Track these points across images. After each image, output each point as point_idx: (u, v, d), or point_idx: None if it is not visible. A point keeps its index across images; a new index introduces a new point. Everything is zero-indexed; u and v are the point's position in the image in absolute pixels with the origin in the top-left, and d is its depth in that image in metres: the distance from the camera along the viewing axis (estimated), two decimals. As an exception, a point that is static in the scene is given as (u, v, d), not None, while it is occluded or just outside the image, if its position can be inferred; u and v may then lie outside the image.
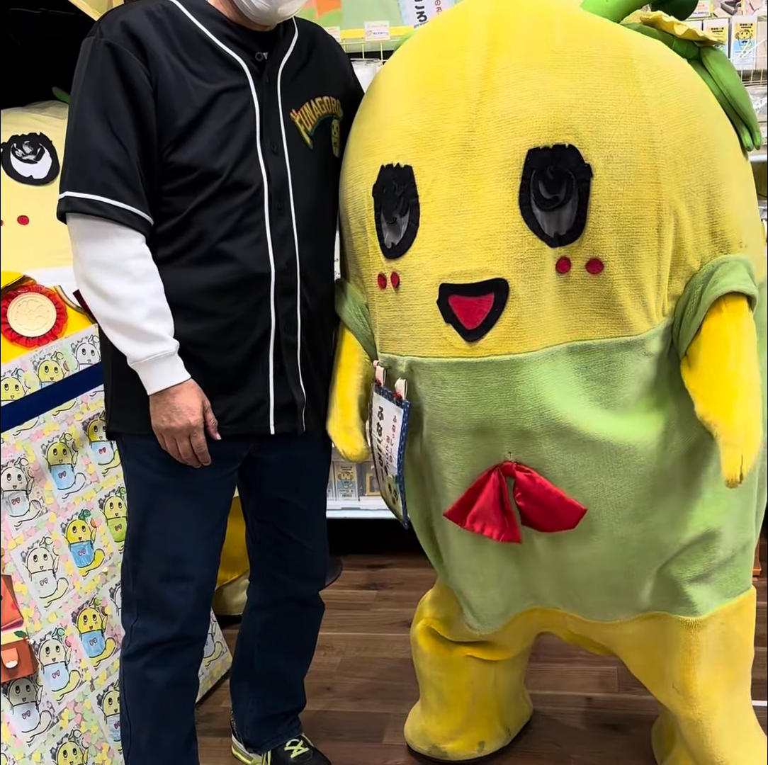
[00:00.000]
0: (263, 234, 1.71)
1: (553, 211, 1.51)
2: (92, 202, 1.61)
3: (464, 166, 1.54)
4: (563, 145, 1.50)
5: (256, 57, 1.71)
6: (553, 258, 1.52)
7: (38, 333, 2.22)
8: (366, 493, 3.24)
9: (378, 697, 2.53)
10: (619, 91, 1.51)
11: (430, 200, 1.57)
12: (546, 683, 2.51)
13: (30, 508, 2.09)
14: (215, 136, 1.66)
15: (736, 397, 1.52)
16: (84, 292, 1.69)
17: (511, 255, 1.51)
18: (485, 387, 1.56)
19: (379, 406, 1.77)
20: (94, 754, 2.12)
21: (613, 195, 1.50)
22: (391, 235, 1.64)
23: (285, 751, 2.18)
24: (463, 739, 2.19)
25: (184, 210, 1.67)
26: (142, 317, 1.64)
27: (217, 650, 2.58)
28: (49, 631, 2.07)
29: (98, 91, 1.61)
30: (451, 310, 1.55)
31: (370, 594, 3.10)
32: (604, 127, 1.50)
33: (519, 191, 1.51)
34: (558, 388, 1.56)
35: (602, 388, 1.59)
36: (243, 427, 1.78)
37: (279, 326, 1.76)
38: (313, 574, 2.09)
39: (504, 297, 1.52)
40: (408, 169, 1.60)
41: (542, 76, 1.52)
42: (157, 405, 1.70)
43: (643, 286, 1.55)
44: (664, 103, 1.53)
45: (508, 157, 1.51)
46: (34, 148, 2.55)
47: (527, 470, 1.62)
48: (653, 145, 1.51)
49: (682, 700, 1.87)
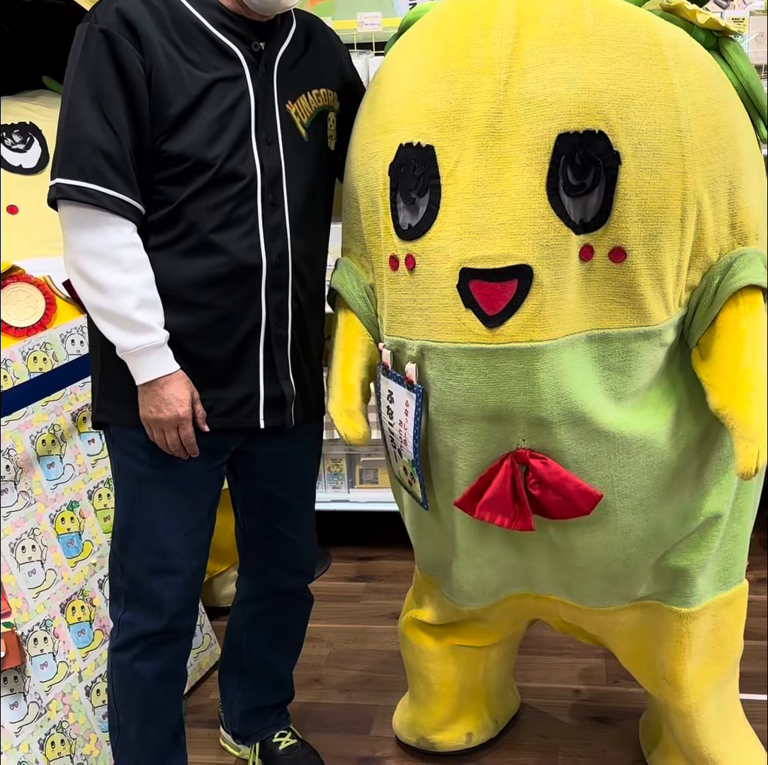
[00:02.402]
0: (255, 226, 1.70)
1: (580, 197, 1.50)
2: (83, 189, 1.60)
3: (490, 148, 1.51)
4: (593, 130, 1.48)
5: (253, 47, 1.70)
6: (577, 245, 1.51)
7: (27, 323, 2.21)
8: (355, 486, 3.23)
9: (366, 689, 2.53)
10: (649, 78, 1.50)
11: (453, 182, 1.54)
12: (534, 676, 2.52)
13: (18, 499, 2.08)
14: (209, 126, 1.65)
15: (752, 392, 1.52)
16: (74, 280, 1.68)
17: (536, 241, 1.50)
18: (503, 374, 1.55)
19: (388, 390, 1.75)
20: (82, 745, 2.12)
21: (640, 184, 1.49)
22: (408, 216, 1.61)
23: (273, 743, 2.18)
24: (451, 731, 2.19)
25: (176, 199, 1.66)
26: (132, 307, 1.63)
27: (206, 642, 2.58)
28: (37, 622, 2.07)
29: (92, 77, 1.60)
30: (471, 295, 1.53)
31: (359, 586, 3.10)
32: (634, 114, 1.49)
33: (547, 176, 1.49)
34: (577, 376, 1.56)
35: (617, 378, 1.59)
36: (231, 421, 1.78)
37: (270, 320, 1.75)
38: (302, 567, 2.09)
39: (528, 284, 1.50)
40: (430, 148, 1.57)
41: (572, 59, 1.50)
42: (146, 395, 1.69)
43: (664, 276, 1.54)
44: (692, 92, 1.52)
45: (538, 141, 1.49)
46: (24, 138, 2.54)
47: (542, 457, 1.61)
48: (681, 133, 1.50)
49: (671, 691, 1.88)
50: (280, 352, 1.79)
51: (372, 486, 3.20)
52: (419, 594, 2.14)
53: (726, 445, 1.71)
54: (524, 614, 2.08)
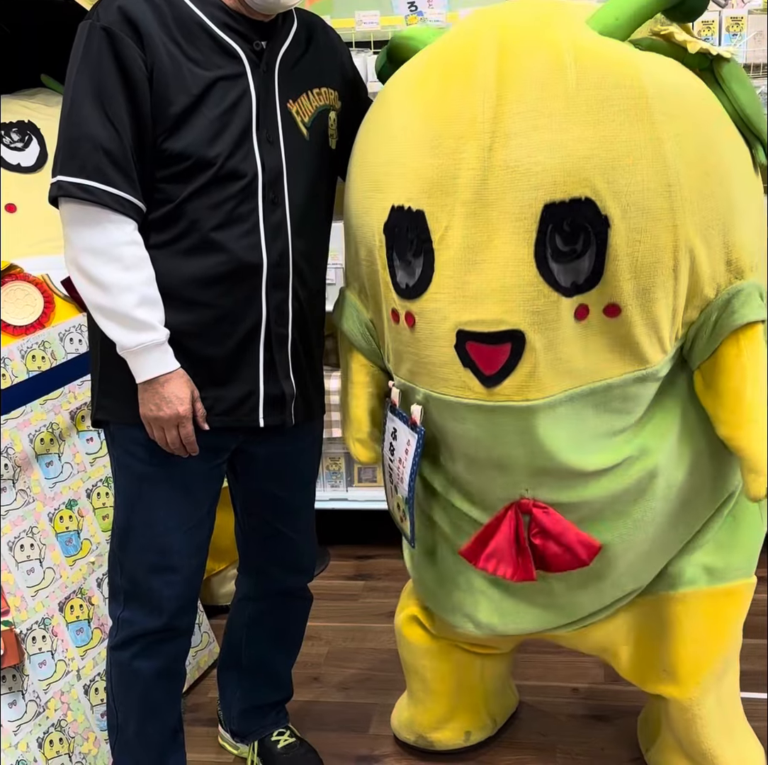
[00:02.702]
0: (256, 225, 1.70)
1: (570, 262, 1.50)
2: (84, 187, 1.60)
3: (478, 215, 1.51)
4: (580, 198, 1.47)
5: (255, 46, 1.70)
6: (570, 306, 1.52)
7: (26, 322, 2.21)
8: (354, 484, 3.23)
9: (365, 687, 2.53)
10: (635, 137, 1.47)
11: (445, 247, 1.55)
12: (532, 674, 2.52)
13: (17, 498, 2.08)
14: (210, 125, 1.65)
15: (757, 425, 1.58)
16: (74, 278, 1.67)
17: (526, 308, 1.50)
18: (503, 429, 1.59)
19: (393, 427, 1.79)
20: (81, 744, 2.12)
21: (631, 243, 1.48)
22: (405, 276, 1.62)
23: (272, 741, 2.18)
24: (449, 729, 2.19)
25: (177, 197, 1.66)
26: (133, 305, 1.63)
27: (204, 640, 2.58)
28: (35, 620, 2.07)
29: (93, 75, 1.60)
30: (468, 355, 1.56)
31: (357, 585, 3.10)
32: (621, 176, 1.46)
33: (535, 245, 1.49)
34: (575, 426, 1.60)
35: (616, 418, 1.62)
36: (231, 419, 1.77)
37: (270, 319, 1.75)
38: (302, 566, 2.09)
39: (521, 347, 1.52)
40: (420, 213, 1.57)
41: (555, 125, 1.47)
42: (146, 393, 1.69)
43: (659, 322, 1.56)
44: (680, 143, 1.49)
45: (524, 211, 1.48)
46: (22, 136, 2.54)
47: (544, 507, 1.66)
48: (670, 188, 1.48)
49: (671, 682, 1.89)
50: (281, 351, 1.79)
51: (371, 484, 3.20)
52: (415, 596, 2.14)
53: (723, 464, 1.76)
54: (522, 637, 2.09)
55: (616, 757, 2.19)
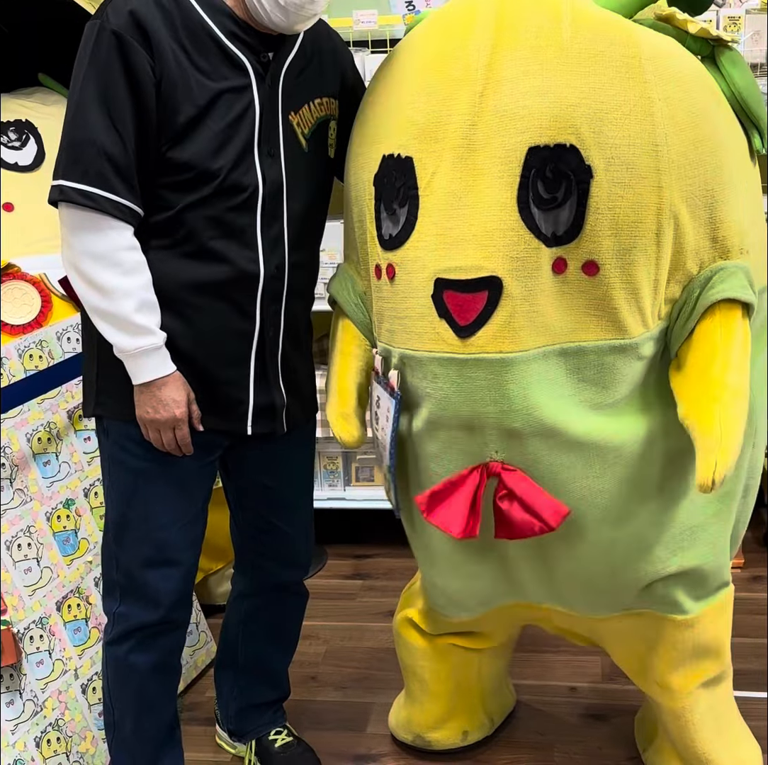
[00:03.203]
0: (254, 238, 1.71)
1: (551, 211, 1.50)
2: (86, 193, 1.60)
3: (465, 160, 1.52)
4: (564, 144, 1.48)
5: (261, 57, 1.69)
6: (549, 258, 1.51)
7: (23, 321, 2.20)
8: (351, 483, 3.23)
9: (362, 686, 2.53)
10: (625, 92, 1.49)
11: (430, 193, 1.56)
12: (530, 673, 2.52)
13: (14, 497, 2.08)
14: (215, 137, 1.65)
15: (717, 403, 1.51)
16: (73, 281, 1.68)
17: (506, 253, 1.50)
18: (474, 384, 1.56)
19: (377, 395, 1.77)
20: (78, 743, 2.12)
21: (613, 198, 1.49)
22: (390, 226, 1.63)
23: (269, 740, 2.18)
24: (446, 729, 2.19)
25: (176, 205, 1.66)
26: (132, 309, 1.63)
27: (202, 639, 2.58)
28: (33, 619, 2.07)
29: (101, 79, 1.59)
30: (445, 305, 1.55)
31: (355, 584, 3.10)
32: (607, 128, 1.48)
33: (518, 189, 1.49)
34: (548, 388, 1.56)
35: (593, 390, 1.59)
36: (220, 421, 1.78)
37: (263, 329, 1.77)
38: (297, 561, 2.09)
39: (497, 295, 1.51)
40: (409, 160, 1.58)
41: (546, 72, 1.50)
42: (143, 396, 1.69)
43: (639, 290, 1.54)
44: (671, 106, 1.50)
45: (509, 154, 1.49)
46: (20, 135, 2.54)
47: (513, 469, 1.61)
48: (657, 148, 1.49)
49: (663, 693, 1.89)
50: (272, 361, 1.80)
51: (368, 484, 3.20)
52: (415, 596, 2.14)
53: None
54: (518, 620, 2.08)
55: (614, 757, 2.19)
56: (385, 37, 3.02)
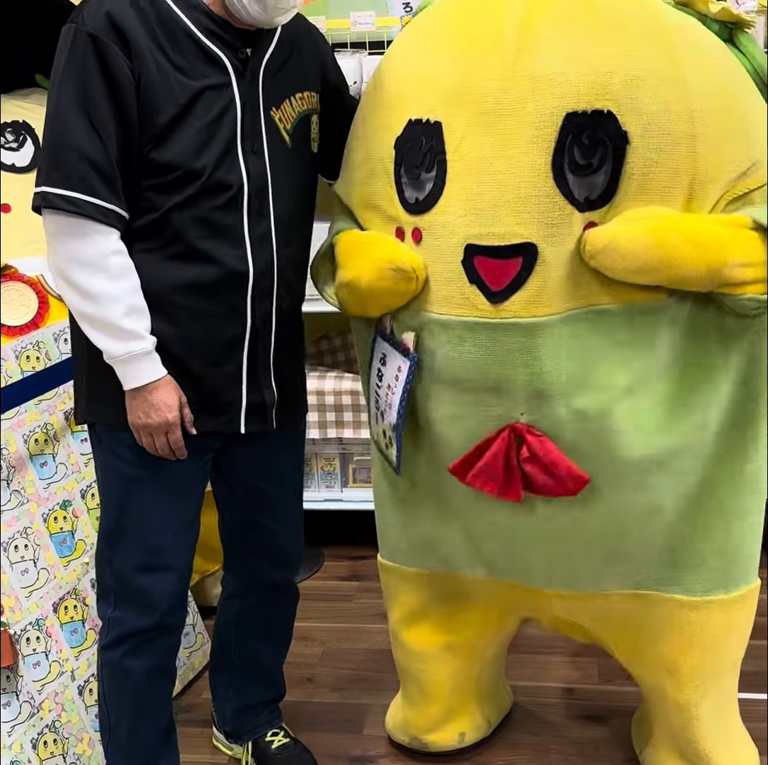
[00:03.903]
0: (242, 236, 1.71)
1: (586, 176, 1.52)
2: (69, 198, 1.59)
3: (495, 125, 1.53)
4: (602, 110, 1.50)
5: (240, 53, 1.69)
6: (581, 222, 1.53)
7: (20, 322, 2.20)
8: (349, 485, 3.23)
9: (359, 687, 2.53)
10: (658, 59, 1.52)
11: (459, 158, 1.56)
12: (526, 674, 2.52)
13: (11, 498, 2.07)
14: (197, 135, 1.64)
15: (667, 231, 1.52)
16: (60, 288, 1.67)
17: (541, 220, 1.52)
18: (505, 347, 1.57)
19: (382, 352, 1.76)
20: (75, 745, 2.12)
21: (648, 164, 1.51)
22: (414, 191, 1.63)
23: (266, 742, 2.18)
24: (443, 731, 2.19)
25: (162, 207, 1.66)
26: (120, 314, 1.63)
27: (199, 641, 2.58)
28: (29, 621, 2.07)
29: (79, 82, 1.59)
30: (476, 270, 1.55)
31: (351, 585, 3.10)
32: (643, 94, 1.50)
33: (552, 154, 1.51)
34: (579, 351, 1.58)
35: (626, 353, 1.59)
36: (213, 425, 1.78)
37: (254, 328, 1.76)
38: (286, 560, 2.09)
39: (532, 261, 1.52)
40: (437, 124, 1.58)
41: (581, 39, 1.52)
42: (134, 401, 1.69)
43: None
44: (702, 73, 1.53)
45: (544, 119, 1.51)
46: (17, 136, 2.53)
47: (539, 434, 1.63)
48: (692, 114, 1.51)
49: (671, 682, 1.88)
50: (264, 360, 1.80)
51: (365, 485, 3.19)
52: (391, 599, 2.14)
53: (725, 432, 1.72)
54: (515, 606, 2.06)
55: (610, 758, 2.19)
56: (382, 39, 3.01)
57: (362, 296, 1.73)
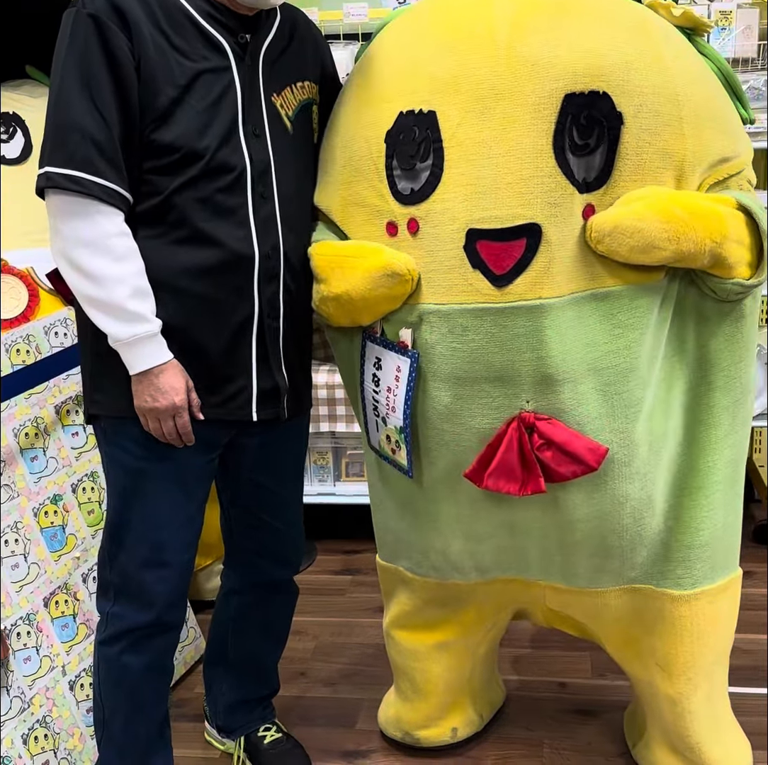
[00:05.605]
0: (246, 219, 1.70)
1: (584, 157, 1.55)
2: (73, 178, 1.58)
3: (492, 109, 1.55)
4: (597, 91, 1.54)
5: (239, 38, 1.69)
6: (581, 204, 1.56)
7: (10, 315, 2.19)
8: (341, 479, 3.23)
9: (352, 682, 2.53)
10: (643, 46, 1.59)
11: (456, 144, 1.57)
12: (519, 669, 2.52)
13: (1, 493, 2.06)
14: (198, 116, 1.64)
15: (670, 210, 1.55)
16: (63, 270, 1.65)
17: (544, 200, 1.54)
18: (511, 332, 1.58)
19: (375, 356, 1.75)
20: (66, 740, 2.11)
21: (641, 144, 1.55)
22: (408, 182, 1.63)
23: (258, 737, 2.17)
24: (436, 726, 2.19)
25: (165, 190, 1.65)
26: (125, 296, 1.62)
27: (191, 635, 2.57)
28: (20, 616, 2.06)
29: (81, 64, 1.58)
30: (478, 255, 1.56)
31: (344, 579, 3.10)
32: (634, 76, 1.55)
33: (553, 135, 1.53)
34: (583, 334, 1.59)
35: (629, 336, 1.61)
36: (224, 412, 1.77)
37: (262, 312, 1.75)
38: (288, 559, 2.08)
39: (537, 242, 1.54)
40: (431, 114, 1.59)
41: (572, 26, 1.57)
42: (140, 385, 1.68)
43: None
44: (681, 63, 1.61)
45: (544, 101, 1.54)
46: (7, 128, 2.52)
47: (546, 418, 1.62)
48: (678, 97, 1.57)
49: (663, 676, 1.89)
50: (273, 345, 1.78)
51: (358, 479, 3.19)
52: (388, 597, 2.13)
53: (722, 424, 1.74)
54: (509, 600, 2.06)
55: (603, 752, 2.19)
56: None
57: (355, 308, 1.72)
